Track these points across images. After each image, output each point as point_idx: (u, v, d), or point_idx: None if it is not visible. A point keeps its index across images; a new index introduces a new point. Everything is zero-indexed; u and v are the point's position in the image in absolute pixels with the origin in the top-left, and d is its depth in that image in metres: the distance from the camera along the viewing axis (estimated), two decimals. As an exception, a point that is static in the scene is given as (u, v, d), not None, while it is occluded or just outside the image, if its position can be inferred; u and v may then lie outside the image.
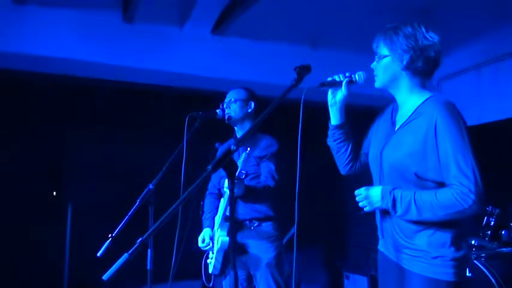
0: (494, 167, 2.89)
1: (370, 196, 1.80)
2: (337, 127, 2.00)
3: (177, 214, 2.32)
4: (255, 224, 2.70)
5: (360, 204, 1.84)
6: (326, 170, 2.35)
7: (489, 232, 3.36)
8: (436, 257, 1.72)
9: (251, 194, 2.57)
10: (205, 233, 2.84)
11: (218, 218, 2.75)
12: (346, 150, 2.03)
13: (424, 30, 1.81)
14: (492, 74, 4.37)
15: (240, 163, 2.43)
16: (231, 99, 2.86)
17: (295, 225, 1.83)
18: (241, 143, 1.55)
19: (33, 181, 4.54)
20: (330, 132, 2.04)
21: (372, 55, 1.99)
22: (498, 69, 4.31)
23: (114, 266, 1.23)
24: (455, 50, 4.48)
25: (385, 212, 1.85)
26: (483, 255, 3.12)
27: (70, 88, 4.67)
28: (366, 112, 2.77)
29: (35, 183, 4.47)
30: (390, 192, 1.74)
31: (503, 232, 3.40)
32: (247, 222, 2.70)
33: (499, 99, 4.34)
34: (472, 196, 1.61)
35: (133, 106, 5.22)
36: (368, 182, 2.07)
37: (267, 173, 2.69)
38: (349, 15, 4.28)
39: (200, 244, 2.83)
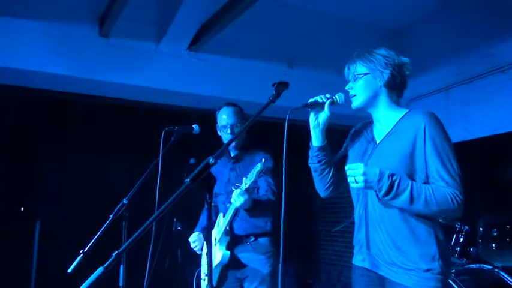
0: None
1: (367, 173, 1.74)
2: (321, 148, 1.98)
3: (150, 230, 2.28)
4: (251, 240, 2.68)
5: (352, 179, 1.76)
6: (300, 188, 2.35)
7: (458, 249, 3.44)
8: (426, 270, 1.75)
9: (258, 207, 2.53)
10: (196, 235, 2.83)
11: (217, 233, 2.71)
12: (329, 172, 2.01)
13: (394, 53, 1.92)
14: (460, 96, 4.52)
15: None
16: (236, 124, 2.80)
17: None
18: (219, 157, 1.56)
19: (0, 196, 4.42)
20: (312, 154, 2.01)
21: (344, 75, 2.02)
22: (466, 91, 4.47)
23: (89, 279, 1.21)
24: (425, 72, 4.64)
25: (375, 223, 1.85)
26: (453, 271, 3.20)
27: (41, 102, 4.59)
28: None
29: (2, 199, 4.34)
30: (389, 175, 1.73)
31: (471, 249, 3.50)
32: (244, 237, 2.67)
33: (466, 120, 4.49)
34: (461, 197, 1.73)
35: (106, 121, 5.16)
36: (334, 199, 2.05)
37: (266, 187, 2.67)
38: (325, 35, 4.38)
39: (192, 245, 2.82)
